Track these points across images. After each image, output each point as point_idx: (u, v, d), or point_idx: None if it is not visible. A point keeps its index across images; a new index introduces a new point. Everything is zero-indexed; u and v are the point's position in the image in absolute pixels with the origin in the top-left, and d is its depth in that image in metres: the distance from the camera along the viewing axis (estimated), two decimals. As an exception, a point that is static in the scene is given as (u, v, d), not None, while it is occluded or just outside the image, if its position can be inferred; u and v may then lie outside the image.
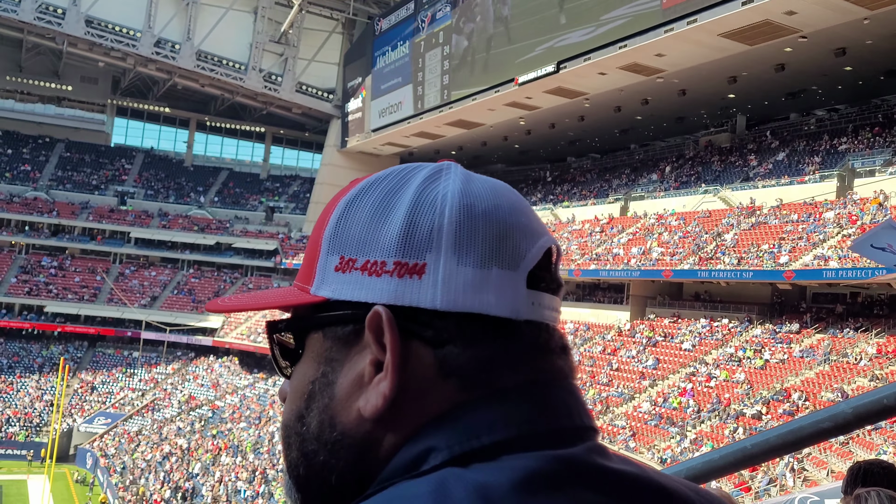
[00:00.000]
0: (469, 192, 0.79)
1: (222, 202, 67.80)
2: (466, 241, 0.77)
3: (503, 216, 0.79)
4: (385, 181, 0.82)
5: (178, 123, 73.78)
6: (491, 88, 43.76)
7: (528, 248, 0.79)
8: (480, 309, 0.76)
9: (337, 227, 0.81)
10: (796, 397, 26.69)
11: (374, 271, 0.77)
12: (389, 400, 0.75)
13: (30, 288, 56.59)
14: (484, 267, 0.77)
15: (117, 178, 67.49)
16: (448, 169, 0.83)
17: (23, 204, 60.87)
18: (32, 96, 68.48)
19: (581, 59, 37.09)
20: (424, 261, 0.76)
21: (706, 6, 30.47)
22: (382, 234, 0.78)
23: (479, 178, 0.83)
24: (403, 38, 52.93)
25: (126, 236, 61.42)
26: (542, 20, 39.59)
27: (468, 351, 0.76)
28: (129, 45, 57.95)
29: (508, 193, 0.83)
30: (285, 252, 60.29)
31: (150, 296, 58.33)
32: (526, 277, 0.79)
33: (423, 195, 0.79)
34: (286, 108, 65.30)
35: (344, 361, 0.79)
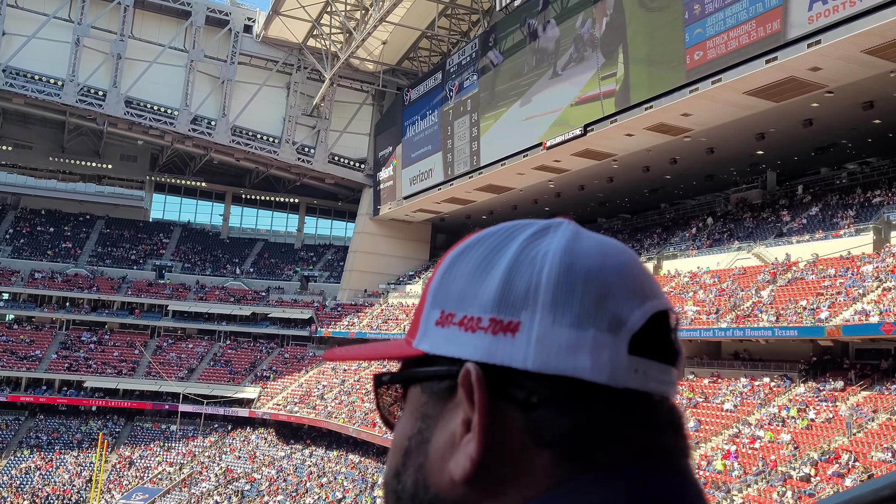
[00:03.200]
0: (573, 250, 0.77)
1: (258, 273, 68.70)
2: (563, 301, 0.74)
3: (607, 276, 0.76)
4: (492, 237, 0.81)
5: (214, 197, 75.46)
6: (519, 153, 44.23)
7: (632, 311, 0.75)
8: (574, 372, 0.73)
9: (441, 282, 0.81)
10: (846, 458, 25.83)
11: (470, 327, 0.76)
12: (477, 462, 0.73)
13: (69, 364, 57.38)
14: (580, 328, 0.73)
15: (155, 252, 68.86)
16: (558, 226, 0.80)
17: (64, 281, 62.25)
18: (74, 175, 70.64)
19: (608, 121, 37.44)
20: (519, 319, 0.74)
21: (730, 65, 30.72)
22: (481, 290, 0.77)
23: (590, 235, 0.80)
24: (432, 107, 53.98)
25: (164, 309, 62.31)
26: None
27: (563, 418, 0.73)
28: (167, 123, 59.81)
29: (619, 253, 0.79)
30: (320, 320, 60.57)
31: (187, 368, 58.77)
32: (628, 342, 0.74)
33: (525, 252, 0.77)
34: (319, 179, 66.53)
35: (438, 418, 0.78)
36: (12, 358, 56.76)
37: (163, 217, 74.89)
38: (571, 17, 39.92)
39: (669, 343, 0.78)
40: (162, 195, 75.18)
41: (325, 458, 47.88)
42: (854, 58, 27.80)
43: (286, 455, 50.86)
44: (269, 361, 60.30)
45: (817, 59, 28.28)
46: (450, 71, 51.98)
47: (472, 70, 49.24)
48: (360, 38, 52.97)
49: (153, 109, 59.79)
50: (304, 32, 59.16)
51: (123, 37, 58.33)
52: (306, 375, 57.41)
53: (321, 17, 56.61)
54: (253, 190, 74.14)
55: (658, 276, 43.54)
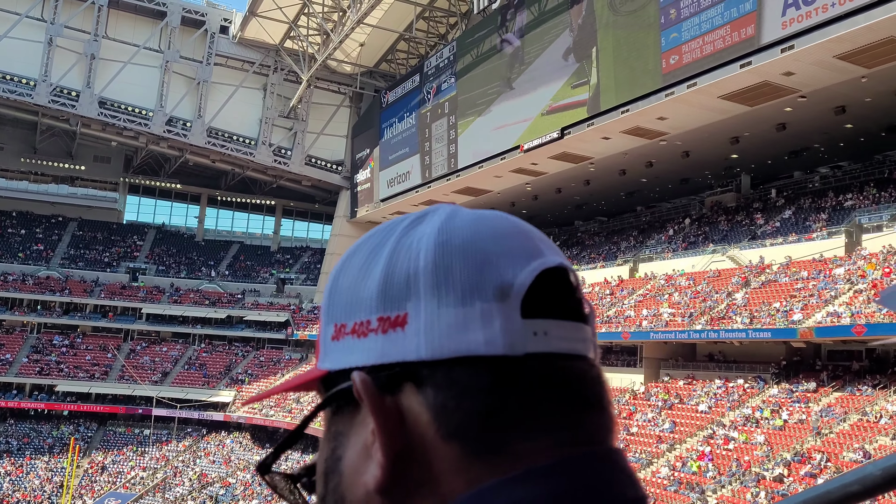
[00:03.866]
0: (446, 229, 0.73)
1: (233, 275, 68.15)
2: (443, 281, 0.70)
3: (484, 244, 0.72)
4: (372, 238, 0.77)
5: (189, 199, 74.80)
6: (497, 156, 44.30)
7: (517, 274, 0.71)
8: (468, 350, 0.68)
9: (329, 296, 0.77)
10: (818, 458, 26.10)
11: (362, 332, 0.72)
12: (387, 467, 0.68)
13: (41, 367, 56.55)
14: (466, 304, 0.69)
15: (129, 254, 68.10)
16: (435, 210, 0.77)
17: (36, 283, 61.36)
18: (46, 177, 69.72)
19: (584, 124, 37.62)
20: (405, 311, 0.71)
21: (705, 70, 30.99)
22: (364, 293, 0.73)
23: (467, 211, 0.76)
24: (410, 110, 53.92)
25: (138, 312, 61.62)
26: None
27: (465, 402, 0.68)
28: (142, 125, 59.24)
29: (495, 220, 0.75)
30: (297, 323, 60.23)
31: (161, 372, 58.14)
32: (520, 306, 0.70)
33: (401, 242, 0.74)
34: (296, 181, 66.20)
35: (350, 434, 0.73)
36: (-18, 362, 55.82)
37: (137, 219, 74.11)
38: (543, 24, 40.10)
39: (573, 300, 0.74)
40: (136, 197, 74.40)
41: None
42: (827, 63, 28.15)
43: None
44: (245, 365, 59.83)
45: (791, 64, 28.60)
46: (427, 73, 51.96)
47: (450, 73, 49.26)
48: (337, 40, 52.82)
49: (127, 110, 59.18)
50: (281, 34, 58.88)
51: (97, 37, 57.71)
52: (282, 378, 57.02)
53: (298, 18, 56.38)
54: (229, 192, 73.60)
55: (634, 278, 43.86)
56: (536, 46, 40.86)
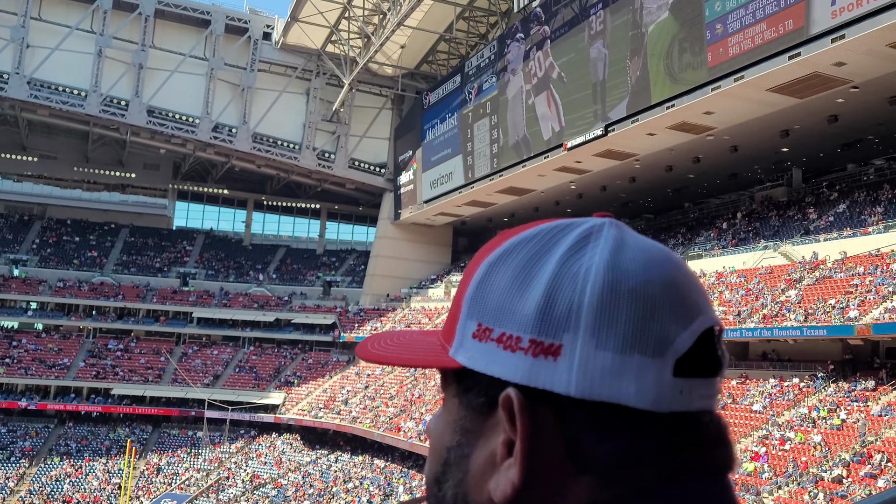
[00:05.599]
0: (617, 266, 0.73)
1: (280, 279, 68.97)
2: (607, 323, 0.71)
3: (652, 294, 0.72)
4: (530, 244, 0.77)
5: (236, 204, 75.89)
6: (540, 154, 44.03)
7: (678, 333, 0.72)
8: (618, 399, 0.71)
9: (477, 290, 0.78)
10: (878, 458, 25.39)
11: (510, 346, 0.74)
12: (518, 489, 0.72)
13: (97, 371, 57.92)
14: (625, 352, 0.71)
15: (179, 259, 69.36)
16: (599, 233, 0.76)
17: (90, 289, 62.87)
18: (98, 185, 71.35)
19: (629, 120, 37.15)
20: (561, 342, 0.72)
21: (752, 62, 30.34)
22: (520, 307, 0.74)
23: (634, 244, 0.76)
24: (451, 111, 53.93)
25: (188, 316, 62.74)
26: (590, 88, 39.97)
27: (605, 444, 0.72)
28: (189, 132, 60.25)
29: (665, 264, 0.75)
30: (343, 326, 60.68)
31: (212, 374, 59.11)
32: (673, 365, 0.72)
33: (566, 267, 0.74)
34: (340, 184, 66.70)
35: (479, 435, 0.77)
36: (41, 366, 57.39)
37: (186, 225, 75.44)
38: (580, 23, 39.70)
39: (714, 355, 0.76)
40: (185, 203, 75.73)
41: (351, 463, 47.93)
42: (879, 52, 27.35)
43: (312, 460, 50.98)
44: (294, 367, 60.50)
45: (841, 54, 27.85)
46: (469, 73, 51.90)
47: (491, 72, 49.12)
48: (378, 43, 53.04)
49: (175, 118, 60.24)
50: (322, 38, 59.34)
51: (145, 46, 58.82)
52: (330, 381, 57.53)
53: (339, 22, 56.76)
54: (274, 196, 74.48)
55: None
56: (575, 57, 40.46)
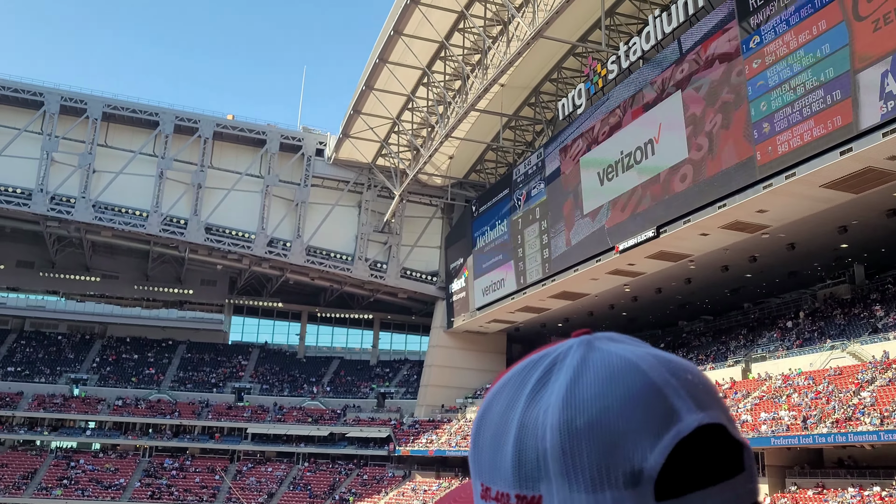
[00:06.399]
0: (571, 400, 0.72)
1: (334, 391, 68.51)
2: (572, 465, 0.70)
3: (610, 422, 0.70)
4: (505, 390, 0.78)
5: (290, 317, 76.57)
6: (592, 258, 43.57)
7: (646, 455, 0.69)
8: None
9: (473, 449, 0.80)
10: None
11: (504, 503, 0.75)
12: None
13: (152, 492, 57.41)
14: (596, 492, 0.69)
15: (234, 374, 69.63)
16: (563, 361, 0.76)
17: (148, 407, 63.22)
18: (157, 302, 72.92)
19: (680, 221, 36.66)
20: (539, 493, 0.72)
21: (803, 159, 29.87)
22: (501, 462, 0.75)
23: (597, 364, 0.74)
24: (501, 217, 54.18)
25: (243, 433, 62.36)
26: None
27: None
28: (245, 247, 61.58)
29: (626, 378, 0.72)
30: (398, 439, 59.48)
31: (266, 493, 58.05)
32: (653, 491, 0.68)
33: (529, 413, 0.74)
34: (392, 294, 66.90)
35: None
36: (98, 487, 57.18)
37: (241, 339, 76.13)
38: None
39: (721, 454, 0.71)
40: (240, 317, 76.70)
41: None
42: (936, 144, 26.65)
43: (368, 582, 48.98)
44: (349, 483, 59.11)
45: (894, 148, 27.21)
46: (517, 181, 52.37)
47: (539, 178, 49.45)
48: (427, 155, 54.11)
49: (231, 234, 61.75)
50: (373, 152, 60.88)
51: (203, 167, 61.04)
52: (386, 497, 55.92)
53: (389, 136, 58.29)
54: (328, 308, 74.98)
55: (748, 379, 41.44)
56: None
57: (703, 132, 35.01)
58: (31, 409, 61.17)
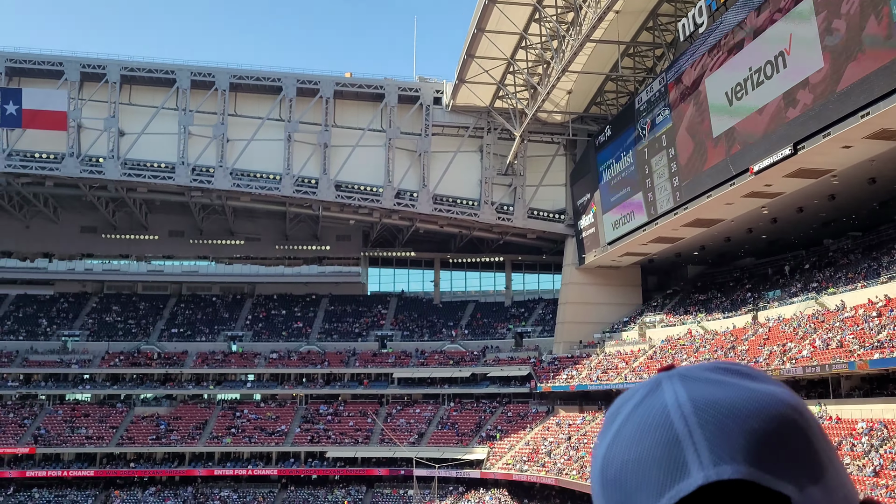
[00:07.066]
0: (609, 452, 0.78)
1: (472, 334, 70.15)
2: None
3: (625, 479, 0.75)
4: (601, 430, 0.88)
5: (423, 265, 78.58)
6: (725, 182, 42.18)
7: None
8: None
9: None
10: None
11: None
12: None
13: (311, 436, 61.22)
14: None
15: (376, 323, 72.48)
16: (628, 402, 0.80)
17: (299, 358, 67.04)
18: (298, 260, 76.48)
19: (819, 136, 34.85)
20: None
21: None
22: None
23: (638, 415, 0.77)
24: (626, 149, 53.10)
25: (389, 377, 65.15)
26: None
27: None
28: (374, 201, 63.38)
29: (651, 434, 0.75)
30: (538, 376, 60.45)
31: (417, 433, 60.68)
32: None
33: (594, 452, 0.83)
34: (521, 235, 67.25)
35: None
36: (262, 434, 61.55)
37: (379, 289, 78.93)
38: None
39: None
40: (376, 269, 79.45)
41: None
42: None
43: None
44: (494, 421, 60.85)
45: None
46: (640, 109, 51.03)
47: (663, 105, 48.00)
48: (544, 92, 53.49)
49: (360, 189, 63.63)
50: (490, 95, 60.73)
51: (327, 126, 62.90)
52: (532, 432, 57.24)
53: (504, 77, 57.90)
54: (459, 253, 76.30)
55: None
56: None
57: (839, 39, 32.88)
58: (196, 365, 66.20)
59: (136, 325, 71.32)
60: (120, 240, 74.30)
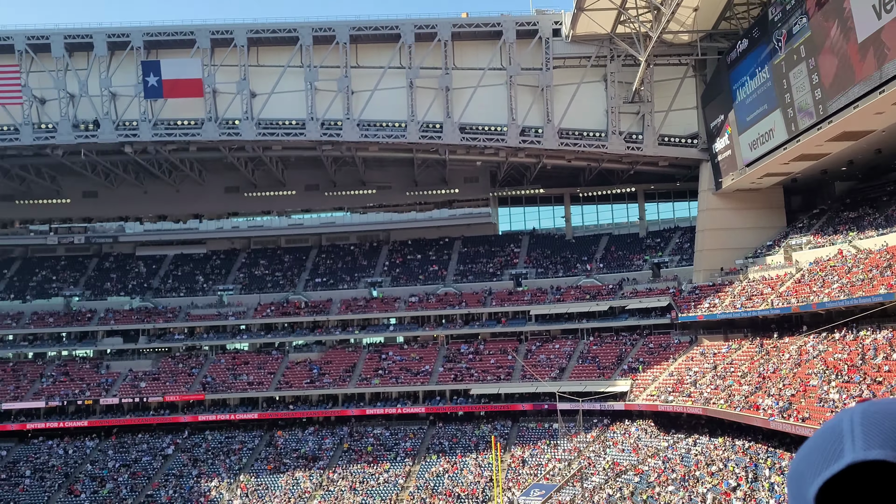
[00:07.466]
0: (797, 456, 1.00)
1: (607, 267, 69.59)
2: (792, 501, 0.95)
3: (800, 466, 0.96)
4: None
5: (553, 201, 78.15)
6: (875, 90, 39.42)
7: (808, 489, 0.91)
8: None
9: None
10: None
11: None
12: None
13: (455, 374, 63.14)
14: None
15: (509, 262, 73.11)
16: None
17: (437, 300, 68.79)
18: (429, 204, 77.83)
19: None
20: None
21: None
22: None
23: (827, 424, 0.98)
24: (761, 64, 50.41)
25: (527, 315, 65.89)
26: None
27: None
28: (499, 140, 63.31)
29: (821, 431, 0.96)
30: (679, 306, 59.42)
31: (558, 368, 61.36)
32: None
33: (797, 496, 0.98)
34: (652, 163, 65.53)
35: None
36: (408, 374, 64.03)
37: (510, 228, 79.28)
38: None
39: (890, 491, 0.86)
40: (506, 208, 79.70)
41: (711, 446, 46.77)
42: None
43: (669, 445, 50.62)
44: (635, 353, 60.59)
45: None
46: (773, 20, 48.14)
47: (800, 13, 45.04)
48: (669, 12, 51.27)
49: (484, 130, 63.67)
50: (611, 21, 58.81)
51: (448, 70, 62.97)
52: (675, 363, 56.65)
53: (626, 1, 55.82)
54: (589, 187, 75.32)
55: None
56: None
57: None
58: (340, 312, 69.30)
59: (283, 277, 75.17)
60: (261, 197, 78.09)
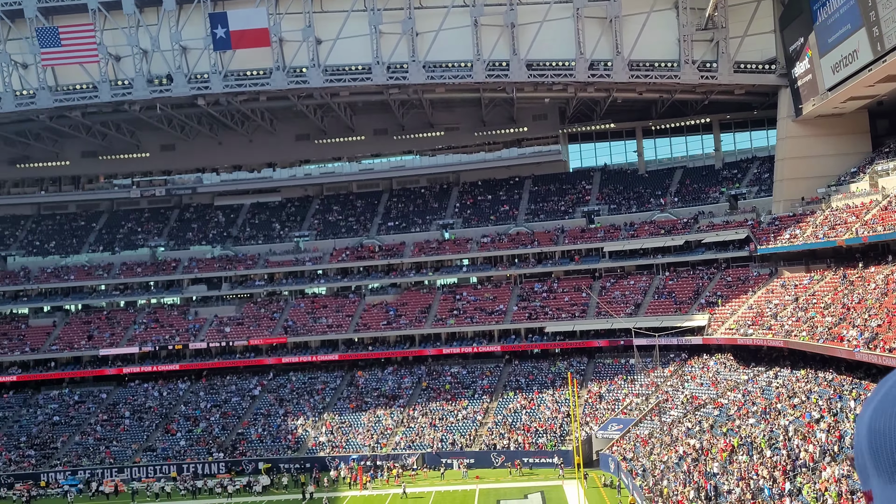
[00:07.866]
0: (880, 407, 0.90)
1: (682, 201, 68.31)
2: (880, 463, 0.88)
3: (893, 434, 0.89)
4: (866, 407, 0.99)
5: (624, 136, 76.64)
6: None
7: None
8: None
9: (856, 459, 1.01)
10: None
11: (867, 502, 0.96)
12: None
13: (529, 313, 63.52)
14: (893, 482, 0.88)
15: (581, 199, 72.45)
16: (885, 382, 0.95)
17: (509, 240, 68.93)
18: (497, 144, 77.35)
19: None
20: (870, 487, 0.92)
21: None
22: (858, 464, 0.97)
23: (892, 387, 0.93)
24: (844, -20, 47.88)
25: (600, 252, 65.49)
26: None
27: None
28: (567, 76, 62.08)
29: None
30: (758, 238, 58.13)
31: (633, 304, 61.08)
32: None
33: (858, 422, 0.95)
34: (727, 92, 63.47)
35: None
36: (482, 314, 64.74)
37: (581, 165, 78.31)
38: None
39: None
40: (576, 145, 78.61)
41: (793, 378, 46.16)
42: None
43: (749, 378, 50.17)
44: (713, 287, 59.77)
45: None
46: (859, -67, 45.50)
47: (888, -76, 42.45)
48: (745, -68, 48.97)
49: (552, 66, 62.43)
50: (683, -55, 56.51)
51: (513, 4, 61.69)
52: (754, 296, 55.71)
53: (698, -78, 53.51)
54: (661, 120, 73.54)
55: None
56: None
57: None
58: (414, 254, 70.16)
59: (356, 222, 76.29)
60: (331, 143, 78.88)
